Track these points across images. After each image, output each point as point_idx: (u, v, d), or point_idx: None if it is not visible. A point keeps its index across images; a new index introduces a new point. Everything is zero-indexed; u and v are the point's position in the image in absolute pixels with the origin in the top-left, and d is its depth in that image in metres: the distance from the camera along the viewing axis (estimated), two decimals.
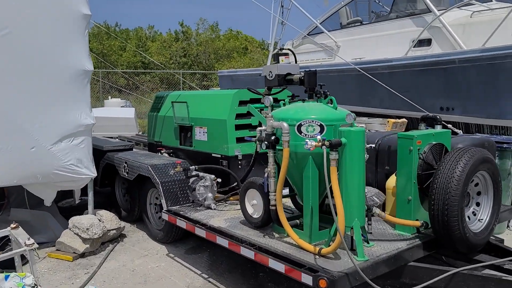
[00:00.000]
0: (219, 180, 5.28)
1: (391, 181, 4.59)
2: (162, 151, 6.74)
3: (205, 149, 5.99)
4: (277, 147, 3.92)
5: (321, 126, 3.78)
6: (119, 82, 26.90)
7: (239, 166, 5.62)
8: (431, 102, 7.35)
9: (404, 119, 7.17)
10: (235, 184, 5.43)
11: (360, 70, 6.89)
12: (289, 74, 4.35)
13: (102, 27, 26.40)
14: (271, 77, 4.36)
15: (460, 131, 6.78)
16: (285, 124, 3.74)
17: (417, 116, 7.80)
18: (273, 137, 3.84)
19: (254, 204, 4.30)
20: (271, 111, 3.96)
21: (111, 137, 9.36)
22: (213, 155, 5.84)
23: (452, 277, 3.54)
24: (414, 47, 8.21)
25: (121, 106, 14.65)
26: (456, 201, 3.58)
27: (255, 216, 4.32)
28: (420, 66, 7.49)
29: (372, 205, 3.83)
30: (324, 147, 3.43)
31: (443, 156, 4.18)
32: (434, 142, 4.14)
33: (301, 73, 4.22)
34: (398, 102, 7.84)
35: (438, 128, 4.40)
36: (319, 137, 3.55)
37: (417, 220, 4.04)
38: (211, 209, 5.05)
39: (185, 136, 6.52)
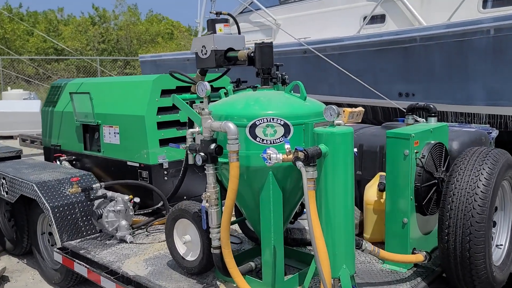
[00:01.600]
0: (137, 200, 3.81)
1: (371, 193, 3.45)
2: (61, 159, 5.09)
3: (117, 155, 4.47)
4: (219, 160, 2.58)
5: (285, 126, 2.49)
6: (27, 71, 23.74)
7: (165, 178, 4.19)
8: (388, 87, 6.39)
9: (361, 108, 6.09)
10: (160, 204, 4.00)
11: (313, 50, 5.70)
12: (231, 49, 3.00)
13: (2, 10, 23.00)
14: (205, 54, 2.98)
15: (423, 119, 5.78)
16: (231, 126, 2.39)
17: (373, 104, 6.83)
18: (212, 145, 2.49)
19: (187, 242, 2.93)
20: (208, 104, 2.60)
21: (11, 137, 7.40)
22: (128, 163, 4.34)
23: None
24: (366, 24, 7.20)
25: (24, 99, 12.46)
26: (482, 228, 2.49)
27: (189, 258, 2.95)
28: (375, 46, 6.49)
29: (359, 240, 2.63)
30: (299, 162, 2.13)
31: (444, 160, 3.09)
32: (433, 142, 3.03)
33: (249, 48, 2.89)
34: (350, 88, 6.80)
35: (433, 122, 3.30)
36: (287, 145, 2.25)
37: (417, 251, 2.92)
38: (126, 242, 3.59)
39: (91, 138, 4.92)
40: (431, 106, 3.29)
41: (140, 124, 4.17)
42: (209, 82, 3.19)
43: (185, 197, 4.30)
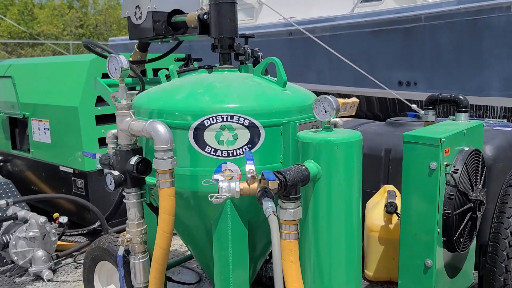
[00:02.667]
0: (64, 220, 2.85)
1: (375, 216, 2.55)
2: None
3: (48, 158, 3.48)
4: (147, 181, 1.63)
5: (252, 128, 1.55)
6: None
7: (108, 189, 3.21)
8: (387, 75, 5.49)
9: (355, 99, 5.17)
10: (97, 224, 3.04)
11: (304, 31, 4.74)
12: (178, 11, 2.04)
13: None
14: (139, 18, 2.01)
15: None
16: (159, 128, 1.44)
17: (367, 94, 5.92)
18: (133, 159, 1.53)
19: None
20: (126, 93, 1.64)
21: None
22: (61, 169, 3.35)
23: None
24: (361, 1, 6.26)
25: None
26: None
27: None
28: (372, 26, 5.56)
29: None
30: (267, 200, 1.19)
31: (481, 174, 2.19)
32: (467, 149, 2.11)
33: (203, 8, 1.93)
34: (342, 76, 5.87)
35: (463, 119, 2.38)
36: (250, 164, 1.30)
37: None
38: (43, 281, 2.63)
39: (20, 134, 3.92)
40: (461, 97, 2.37)
41: (73, 118, 3.18)
42: (149, 61, 2.24)
43: None
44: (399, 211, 2.48)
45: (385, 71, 5.55)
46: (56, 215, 2.90)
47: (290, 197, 1.29)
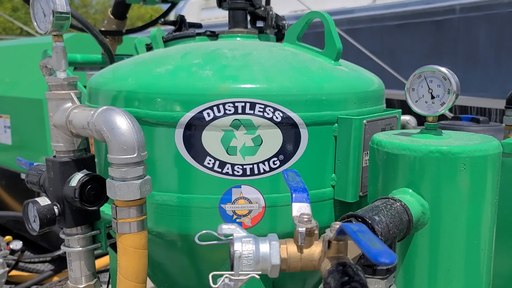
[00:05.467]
0: (17, 246, 2.17)
1: None
2: None
3: (8, 162, 2.80)
4: (103, 215, 0.95)
5: (285, 125, 0.87)
6: None
7: None
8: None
9: None
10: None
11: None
12: None
13: None
14: None
15: (479, 116, 4.19)
16: (120, 121, 0.76)
17: (389, 95, 5.25)
18: (77, 178, 0.84)
19: None
20: (64, 60, 0.98)
21: None
22: (22, 176, 2.67)
23: None
24: None
25: None
26: None
27: None
28: (396, 19, 4.92)
29: None
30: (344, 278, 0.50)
31: None
32: None
33: None
34: None
35: None
36: (304, 207, 0.61)
37: None
38: None
39: None
40: None
41: (37, 113, 2.50)
42: (128, 32, 1.58)
43: None
44: None
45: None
46: (7, 238, 2.23)
47: (378, 268, 0.61)
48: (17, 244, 2.20)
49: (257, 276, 0.55)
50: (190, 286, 1.12)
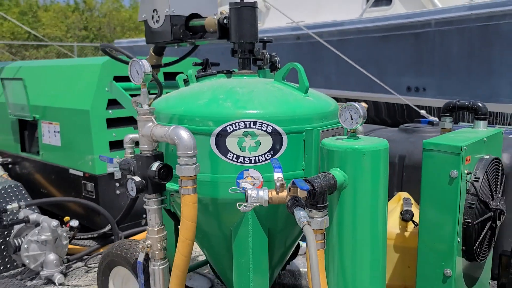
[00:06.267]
0: (75, 224, 2.83)
1: (389, 224, 2.50)
2: None
3: (58, 160, 3.47)
4: (167, 187, 1.61)
5: (275, 135, 1.53)
6: (2, 58, 22.34)
7: (117, 192, 3.20)
8: (395, 80, 5.46)
9: (364, 103, 5.10)
10: (107, 228, 3.02)
11: (313, 35, 4.72)
12: (196, 15, 2.02)
13: None
14: (157, 21, 1.99)
15: (436, 118, 4.86)
16: (183, 134, 1.42)
17: (375, 99, 5.90)
18: (154, 165, 1.50)
19: None
20: (147, 98, 1.63)
21: None
22: (70, 172, 3.34)
23: None
24: (370, 6, 6.24)
25: None
26: None
27: None
28: (381, 31, 5.54)
29: None
30: (299, 210, 1.17)
31: (500, 182, 2.16)
32: (487, 157, 2.09)
33: (223, 12, 1.91)
34: (349, 81, 5.84)
35: (482, 127, 2.36)
36: (278, 173, 1.28)
37: None
38: (55, 284, 2.61)
39: (30, 136, 3.91)
40: (480, 104, 2.35)
41: (84, 121, 3.16)
42: (165, 65, 2.22)
43: (144, 216, 3.33)
44: (414, 219, 2.46)
45: (394, 77, 5.53)
46: (67, 218, 2.88)
47: (318, 206, 1.26)
48: (74, 223, 2.85)
49: (257, 204, 1.19)
50: (213, 233, 1.76)
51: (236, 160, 1.53)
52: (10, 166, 4.06)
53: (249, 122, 1.51)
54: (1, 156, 4.14)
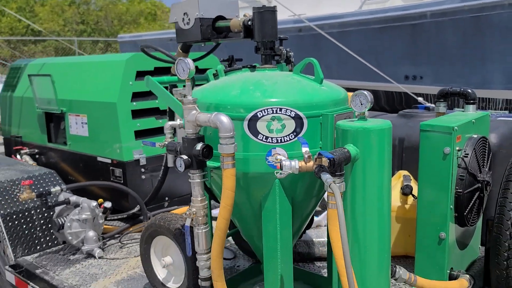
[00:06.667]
0: (108, 204, 3.15)
1: (392, 198, 2.84)
2: (22, 152, 4.38)
3: (85, 149, 3.77)
4: (208, 165, 1.93)
5: (297, 119, 1.84)
6: (1, 54, 22.46)
7: (143, 177, 3.52)
8: (394, 69, 5.76)
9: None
10: (136, 209, 3.34)
11: (315, 28, 5.01)
12: (221, 17, 2.32)
13: None
14: (187, 23, 2.29)
15: (432, 105, 5.17)
16: (224, 119, 1.74)
17: (374, 88, 6.21)
18: (199, 145, 1.82)
19: (168, 265, 2.29)
20: (192, 90, 1.94)
21: None
22: (99, 159, 3.65)
23: None
24: None
25: None
26: None
27: (170, 285, 2.32)
28: (379, 23, 5.83)
29: (392, 266, 2.03)
30: (326, 175, 1.49)
31: (487, 158, 2.49)
32: (475, 136, 2.42)
33: (246, 14, 2.21)
34: (349, 70, 6.14)
35: (471, 110, 2.68)
36: (305, 147, 1.60)
37: (455, 271, 2.34)
38: (95, 257, 2.94)
39: (56, 128, 4.21)
40: (469, 91, 2.67)
41: (111, 113, 3.47)
42: (193, 61, 2.52)
43: (167, 198, 3.66)
44: (413, 193, 2.79)
45: (392, 66, 5.83)
46: (100, 200, 3.19)
47: (336, 173, 1.58)
48: (108, 204, 3.17)
49: (290, 172, 1.51)
50: (244, 204, 2.08)
51: (266, 140, 1.85)
52: (37, 156, 4.37)
53: (276, 109, 1.83)
54: (28, 148, 4.45)
